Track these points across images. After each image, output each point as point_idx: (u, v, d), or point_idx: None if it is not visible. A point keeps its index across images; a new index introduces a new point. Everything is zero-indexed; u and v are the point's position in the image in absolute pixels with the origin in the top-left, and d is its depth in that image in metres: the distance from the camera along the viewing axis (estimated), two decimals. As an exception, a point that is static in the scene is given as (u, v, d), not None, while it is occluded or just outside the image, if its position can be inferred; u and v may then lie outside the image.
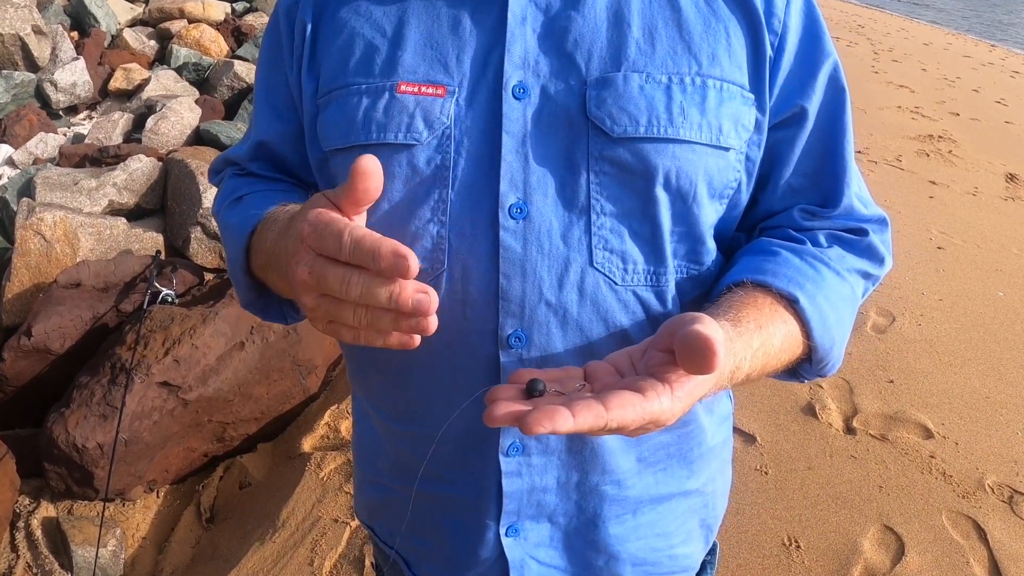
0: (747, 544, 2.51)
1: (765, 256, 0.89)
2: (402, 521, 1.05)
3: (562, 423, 0.61)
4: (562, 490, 0.94)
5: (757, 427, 3.06)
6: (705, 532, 1.09)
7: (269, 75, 1.00)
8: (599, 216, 0.84)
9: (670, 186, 0.84)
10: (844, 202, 0.94)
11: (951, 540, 2.57)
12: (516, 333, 0.85)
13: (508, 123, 0.83)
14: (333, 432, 3.02)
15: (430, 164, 0.84)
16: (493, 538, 0.96)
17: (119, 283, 3.17)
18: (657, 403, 0.65)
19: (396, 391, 0.96)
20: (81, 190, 3.83)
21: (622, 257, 0.85)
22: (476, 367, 0.88)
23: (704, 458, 1.02)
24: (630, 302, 0.86)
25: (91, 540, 2.51)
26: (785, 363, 0.86)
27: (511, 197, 0.83)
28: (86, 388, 2.70)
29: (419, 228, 0.85)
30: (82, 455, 2.59)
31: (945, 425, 3.15)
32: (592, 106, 0.82)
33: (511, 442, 0.90)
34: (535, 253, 0.83)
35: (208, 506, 2.85)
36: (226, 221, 0.99)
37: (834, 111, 0.93)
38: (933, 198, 5.75)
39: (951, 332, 3.88)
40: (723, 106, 0.84)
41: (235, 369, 2.86)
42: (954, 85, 9.91)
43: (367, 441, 1.08)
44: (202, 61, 5.82)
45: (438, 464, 0.95)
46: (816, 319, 0.85)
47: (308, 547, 2.46)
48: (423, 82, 0.85)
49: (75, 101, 5.32)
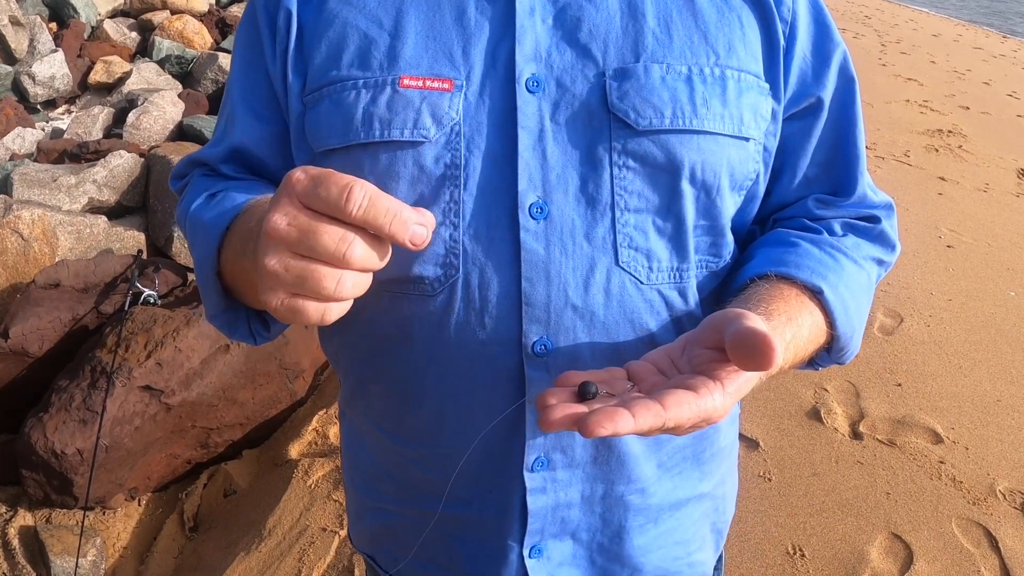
0: (750, 553, 2.50)
1: (785, 248, 0.90)
2: (409, 547, 1.02)
3: (624, 424, 0.61)
4: (586, 504, 0.93)
5: (760, 432, 3.06)
6: (716, 537, 1.09)
7: (246, 72, 0.94)
8: (623, 213, 0.83)
9: (695, 179, 0.84)
10: (857, 191, 0.96)
11: (961, 548, 2.56)
12: (542, 340, 0.83)
13: (523, 118, 0.82)
14: (321, 438, 3.01)
15: (439, 163, 0.82)
16: (516, 560, 0.94)
17: (99, 283, 3.15)
18: (710, 400, 0.66)
19: (404, 408, 0.93)
20: (60, 187, 3.82)
21: (647, 255, 0.85)
22: (498, 380, 0.86)
23: (715, 459, 1.02)
24: (655, 301, 0.86)
25: (70, 550, 2.50)
26: (811, 353, 0.87)
27: (531, 196, 0.81)
28: (65, 392, 2.69)
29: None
30: (61, 462, 2.57)
31: (955, 429, 3.15)
32: (614, 98, 0.82)
33: (536, 457, 0.88)
34: (559, 254, 0.82)
35: (192, 515, 2.84)
36: (197, 218, 0.90)
37: (846, 100, 0.94)
38: (942, 195, 5.76)
39: (961, 333, 3.88)
40: (742, 96, 0.85)
41: (220, 373, 2.85)
42: (964, 78, 9.92)
43: (364, 464, 1.05)
44: (185, 53, 5.81)
45: (454, 484, 0.93)
46: (840, 309, 0.86)
47: (295, 557, 2.45)
48: (428, 75, 0.83)
49: (54, 95, 5.31)
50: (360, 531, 1.11)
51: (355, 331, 0.94)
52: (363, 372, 0.97)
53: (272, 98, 0.93)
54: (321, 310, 0.65)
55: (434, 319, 0.85)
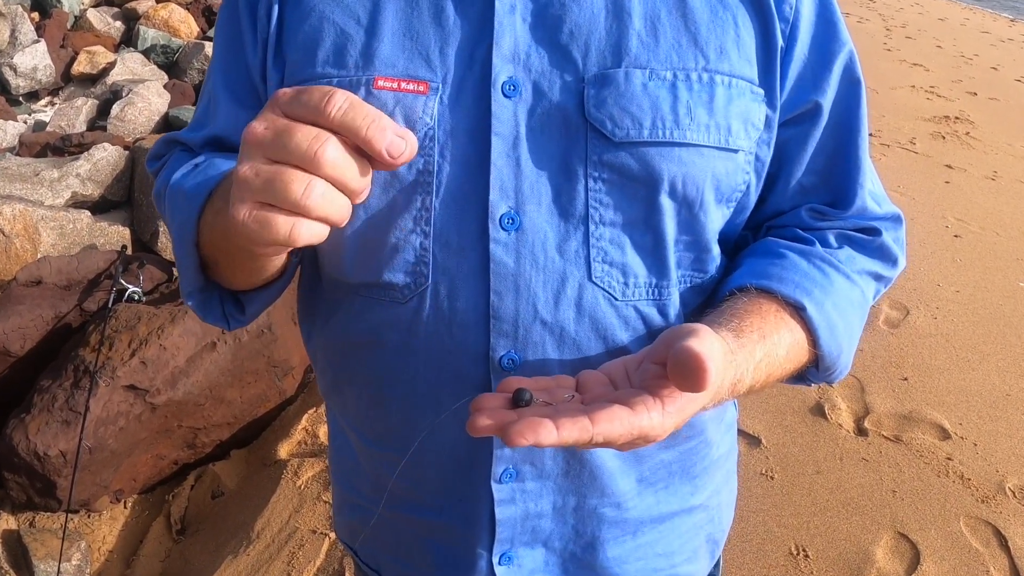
0: (752, 553, 2.50)
1: (771, 259, 0.88)
2: (386, 545, 1.04)
3: (545, 435, 0.61)
4: (558, 515, 0.93)
5: (762, 429, 3.06)
6: (711, 547, 1.08)
7: (227, 57, 0.94)
8: (598, 226, 0.81)
9: (676, 194, 0.82)
10: (857, 203, 0.93)
11: (969, 547, 2.56)
12: (509, 355, 0.83)
13: (497, 124, 0.80)
14: (311, 437, 3.01)
15: (412, 168, 0.81)
16: (485, 567, 0.94)
17: (83, 280, 3.15)
18: (647, 418, 0.65)
19: (374, 412, 0.93)
20: (42, 181, 3.81)
21: (623, 270, 0.83)
22: (464, 389, 0.85)
23: (708, 471, 1.01)
24: (631, 318, 0.84)
25: (54, 554, 2.49)
26: (790, 372, 0.86)
27: (502, 206, 0.80)
28: (48, 392, 2.69)
29: (400, 239, 0.83)
30: (44, 463, 2.57)
31: (963, 425, 3.15)
32: (591, 106, 0.80)
33: (504, 468, 0.88)
34: (529, 267, 0.81)
35: (178, 517, 2.84)
36: (178, 186, 0.88)
37: (849, 106, 0.91)
38: (949, 183, 5.75)
39: (969, 326, 3.88)
40: (732, 104, 0.82)
41: (206, 371, 2.84)
42: (971, 63, 9.91)
43: (345, 459, 1.06)
44: (171, 43, 5.80)
45: (422, 491, 0.94)
46: (824, 327, 0.84)
47: (285, 560, 2.45)
48: (403, 77, 0.81)
49: (36, 86, 5.30)
50: (342, 523, 1.13)
51: (330, 333, 0.94)
52: (337, 374, 0.97)
53: (251, 86, 0.93)
54: (290, 224, 0.62)
55: (403, 326, 0.85)
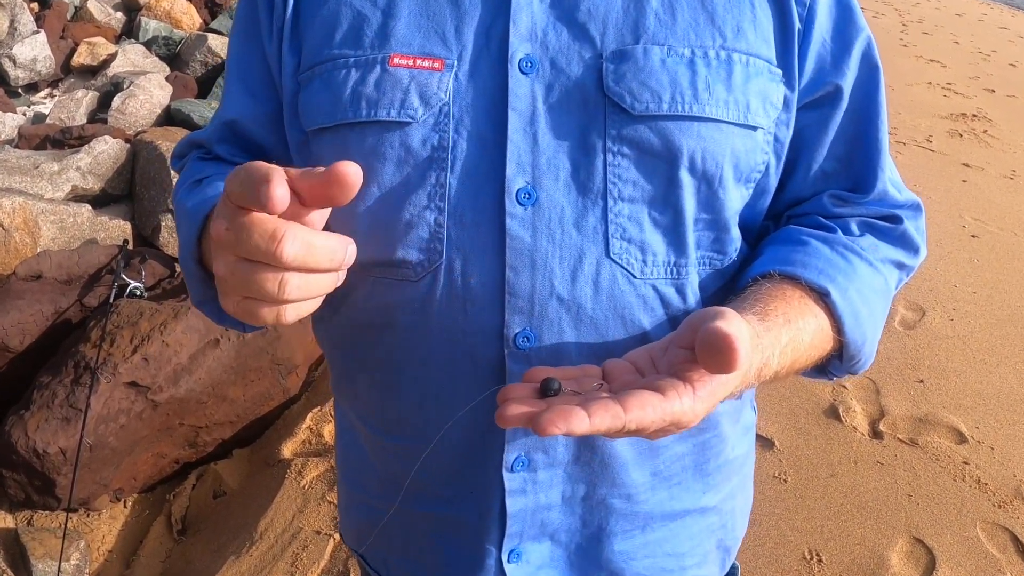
0: (765, 558, 2.50)
1: (794, 246, 0.89)
2: (395, 546, 1.03)
3: (578, 424, 0.61)
4: (566, 505, 0.93)
5: (775, 431, 3.05)
6: (722, 555, 1.08)
7: (242, 48, 0.98)
8: (616, 202, 0.82)
9: (695, 169, 0.83)
10: (878, 187, 0.94)
11: (986, 553, 2.55)
12: (524, 332, 0.83)
13: (515, 99, 0.82)
14: (315, 437, 3.01)
15: (426, 144, 0.83)
16: (494, 564, 0.94)
17: (83, 275, 3.15)
18: (678, 403, 0.65)
19: (386, 400, 0.94)
20: (42, 174, 3.81)
21: (641, 247, 0.84)
22: (478, 371, 0.86)
23: (722, 471, 1.01)
24: (649, 297, 0.85)
25: (53, 553, 2.49)
26: (815, 360, 0.86)
27: (519, 181, 0.81)
28: (47, 389, 2.69)
29: (414, 216, 0.84)
30: (43, 461, 2.58)
31: (980, 428, 3.14)
32: (610, 81, 0.81)
33: (516, 456, 0.88)
34: (545, 243, 0.82)
35: (180, 517, 2.84)
36: (182, 206, 0.94)
37: (868, 90, 0.92)
38: (967, 182, 5.74)
39: (986, 327, 3.87)
40: (750, 82, 0.84)
41: (209, 368, 2.85)
42: (989, 59, 9.89)
43: (353, 457, 1.06)
44: (173, 35, 5.80)
45: (435, 481, 0.94)
46: (848, 314, 0.85)
47: (288, 561, 2.45)
48: (418, 54, 0.84)
49: (35, 78, 5.31)
50: (348, 527, 1.13)
51: (340, 317, 0.95)
52: (348, 361, 0.98)
53: (267, 75, 0.96)
54: (274, 312, 0.65)
55: (416, 306, 0.86)
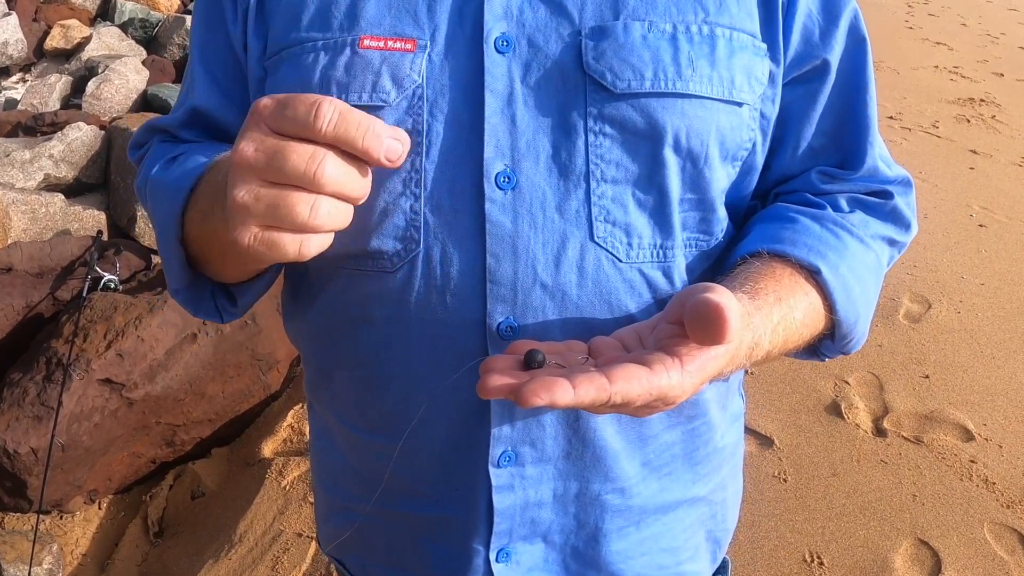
0: (763, 560, 2.50)
1: (782, 223, 0.90)
2: (377, 552, 1.03)
3: (561, 395, 0.62)
4: (559, 503, 0.92)
5: (775, 428, 3.05)
6: (712, 547, 1.08)
7: (205, 34, 0.97)
8: (599, 184, 0.82)
9: (680, 148, 0.83)
10: (867, 163, 0.96)
11: (994, 555, 2.56)
12: (507, 321, 0.83)
13: (491, 80, 0.81)
14: (297, 435, 3.02)
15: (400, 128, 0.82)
16: (482, 564, 0.94)
17: (56, 267, 3.15)
18: (665, 377, 0.66)
19: (367, 397, 0.93)
20: (13, 162, 3.81)
21: (626, 230, 0.84)
22: (461, 364, 0.85)
23: (711, 460, 1.01)
24: (635, 282, 0.85)
25: (24, 557, 2.49)
26: (807, 339, 0.87)
27: (497, 164, 0.81)
28: (18, 386, 2.69)
29: (389, 203, 0.83)
30: (13, 461, 2.58)
31: (987, 426, 3.14)
32: (590, 58, 0.81)
33: (502, 451, 0.88)
34: (527, 228, 0.81)
35: (156, 519, 2.84)
36: (159, 182, 0.91)
37: (856, 63, 0.94)
38: (974, 169, 5.75)
39: (994, 321, 3.87)
40: (734, 57, 0.84)
41: (186, 364, 2.84)
42: (998, 42, 9.89)
43: (331, 462, 1.06)
44: (150, 17, 5.81)
45: (417, 480, 0.93)
46: (840, 291, 0.86)
47: (269, 564, 2.45)
48: (389, 35, 0.83)
49: (7, 62, 5.31)
50: (327, 533, 1.12)
51: (314, 313, 0.94)
52: (324, 359, 0.98)
53: (231, 60, 0.96)
54: (298, 241, 0.67)
55: (393, 297, 0.86)
